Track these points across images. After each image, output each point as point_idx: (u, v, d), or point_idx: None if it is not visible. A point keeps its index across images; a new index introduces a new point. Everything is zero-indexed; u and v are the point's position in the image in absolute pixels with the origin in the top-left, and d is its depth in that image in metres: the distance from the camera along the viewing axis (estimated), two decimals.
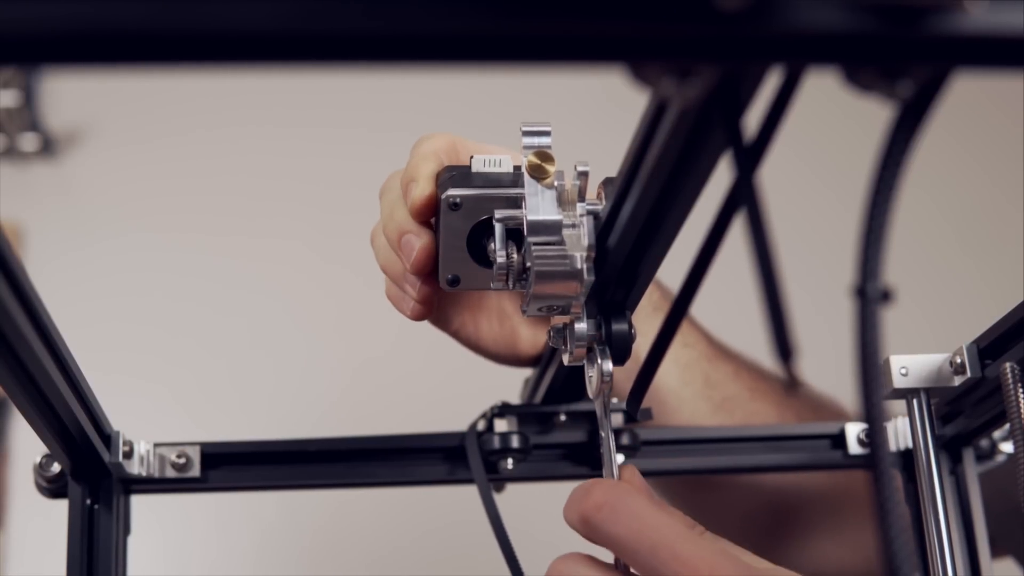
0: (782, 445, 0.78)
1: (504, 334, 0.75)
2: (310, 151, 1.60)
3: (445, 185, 0.64)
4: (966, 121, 1.62)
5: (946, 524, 0.69)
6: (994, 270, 1.59)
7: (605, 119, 1.23)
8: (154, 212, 1.56)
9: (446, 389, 1.32)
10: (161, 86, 1.55)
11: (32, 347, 0.52)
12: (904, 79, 0.38)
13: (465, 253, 0.65)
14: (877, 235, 0.41)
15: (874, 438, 0.43)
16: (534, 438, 0.75)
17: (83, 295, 1.50)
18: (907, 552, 0.41)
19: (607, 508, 0.54)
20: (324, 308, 1.54)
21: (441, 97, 1.56)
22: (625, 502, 0.55)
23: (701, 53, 0.36)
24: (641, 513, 0.54)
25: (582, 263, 0.58)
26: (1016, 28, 0.36)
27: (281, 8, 0.34)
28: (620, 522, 0.54)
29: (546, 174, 0.61)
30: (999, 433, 0.75)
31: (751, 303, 0.49)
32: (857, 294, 0.42)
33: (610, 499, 0.55)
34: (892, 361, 0.68)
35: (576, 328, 0.61)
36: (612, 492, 0.55)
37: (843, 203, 1.50)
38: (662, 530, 0.54)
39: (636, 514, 0.54)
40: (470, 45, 0.35)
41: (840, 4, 0.35)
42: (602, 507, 0.54)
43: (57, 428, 0.63)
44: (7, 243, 0.47)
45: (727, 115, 0.43)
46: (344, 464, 0.75)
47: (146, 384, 1.47)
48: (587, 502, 0.55)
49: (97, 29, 0.34)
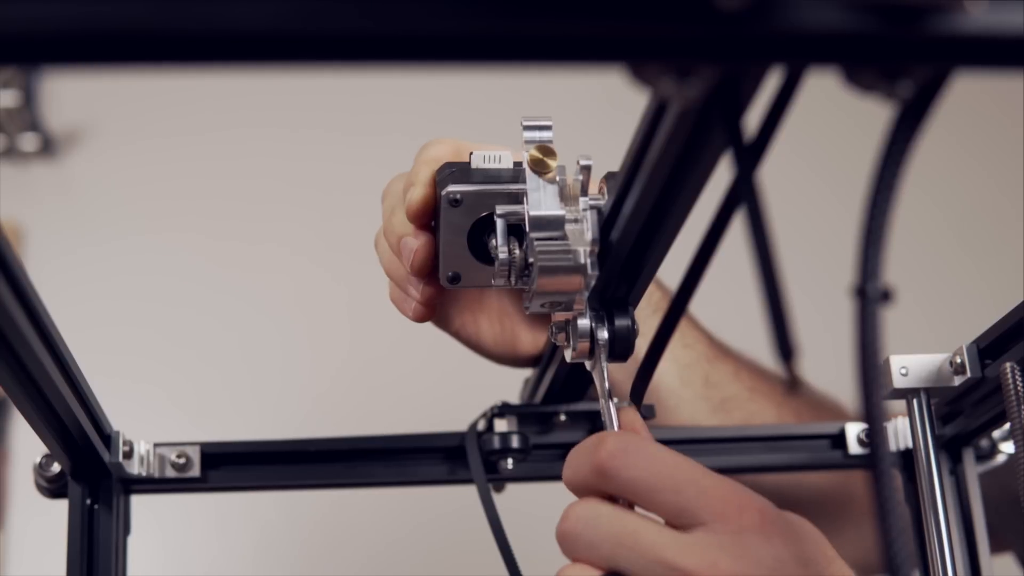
0: (782, 445, 0.78)
1: (504, 334, 0.75)
2: (311, 153, 1.60)
3: (445, 182, 0.64)
4: (966, 121, 1.62)
5: (946, 524, 0.69)
6: (994, 270, 1.59)
7: (605, 119, 1.23)
8: (154, 212, 1.56)
9: (446, 389, 1.33)
10: (161, 86, 1.55)
11: (32, 347, 0.52)
12: (904, 79, 0.38)
13: (466, 250, 0.65)
14: (877, 235, 0.41)
15: (874, 438, 0.43)
16: (534, 438, 0.75)
17: (83, 295, 1.50)
18: (907, 552, 0.41)
19: (622, 454, 0.54)
20: (325, 308, 1.54)
21: (441, 99, 1.56)
22: (639, 446, 0.55)
23: (701, 53, 0.36)
24: (658, 455, 0.54)
25: (586, 257, 0.58)
26: (1016, 28, 0.36)
27: (281, 8, 0.34)
28: (639, 465, 0.54)
29: (548, 168, 0.61)
30: (999, 433, 0.75)
31: (751, 303, 0.49)
32: (857, 294, 0.42)
33: (624, 445, 0.55)
34: (892, 361, 0.68)
35: (579, 324, 0.61)
36: (624, 439, 0.55)
37: (843, 203, 1.50)
38: (682, 467, 0.54)
39: (653, 456, 0.54)
40: (470, 45, 0.35)
41: (840, 4, 0.35)
42: (616, 454, 0.54)
43: (57, 428, 0.63)
44: (7, 243, 0.47)
45: (727, 115, 0.43)
46: (344, 464, 0.75)
47: (146, 384, 1.47)
48: (601, 451, 0.54)
49: (97, 29, 0.34)
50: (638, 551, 0.52)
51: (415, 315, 0.69)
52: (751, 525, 0.52)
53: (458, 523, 1.31)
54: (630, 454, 0.54)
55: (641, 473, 0.54)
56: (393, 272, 0.70)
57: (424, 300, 0.68)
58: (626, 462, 0.54)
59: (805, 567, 0.52)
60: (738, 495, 0.53)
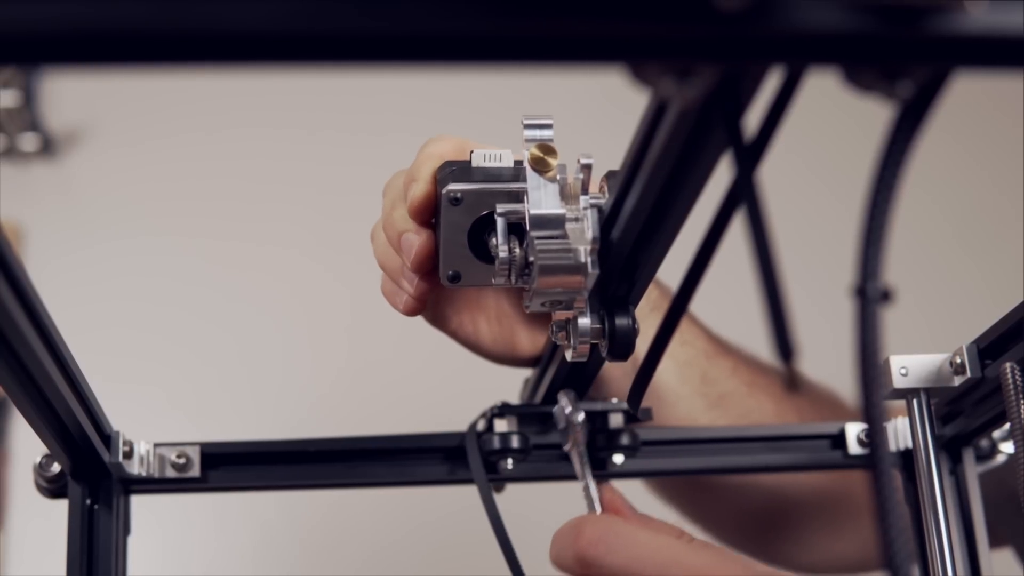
0: (782, 445, 0.78)
1: (503, 334, 0.75)
2: (311, 153, 1.60)
3: (445, 180, 0.64)
4: (966, 121, 1.62)
5: (946, 524, 0.69)
6: (994, 270, 1.59)
7: (605, 119, 1.23)
8: (154, 212, 1.56)
9: (446, 389, 1.32)
10: (161, 86, 1.55)
11: (32, 347, 0.52)
12: (904, 79, 0.38)
13: (466, 249, 0.65)
14: (877, 235, 0.41)
15: (874, 438, 0.43)
16: (534, 438, 0.75)
17: (83, 295, 1.50)
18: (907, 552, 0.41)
19: (602, 543, 0.54)
20: (325, 308, 1.54)
21: (442, 99, 1.56)
22: (618, 532, 0.55)
23: (701, 53, 0.36)
24: (637, 539, 0.54)
25: (586, 256, 0.58)
26: (1016, 28, 0.36)
27: (281, 8, 0.34)
28: (620, 552, 0.54)
29: (548, 167, 0.60)
30: (999, 433, 0.75)
31: (751, 302, 0.49)
32: (857, 294, 0.42)
33: (602, 532, 0.55)
34: (892, 361, 0.68)
35: (579, 323, 0.61)
36: (602, 525, 0.55)
37: (843, 203, 1.50)
38: (663, 550, 0.54)
39: (633, 541, 0.54)
40: (470, 45, 0.35)
41: (840, 4, 0.35)
42: (597, 543, 0.54)
43: (57, 428, 0.63)
44: (7, 243, 0.47)
45: (727, 115, 0.43)
46: (344, 464, 0.75)
47: (146, 384, 1.47)
48: (581, 541, 0.54)
49: (97, 29, 0.34)
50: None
51: (406, 308, 0.69)
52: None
53: (458, 523, 1.31)
54: (611, 541, 0.54)
55: (622, 560, 0.54)
56: (387, 264, 0.70)
57: (417, 295, 0.68)
58: (608, 549, 0.54)
59: None
60: (725, 566, 0.53)
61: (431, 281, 0.68)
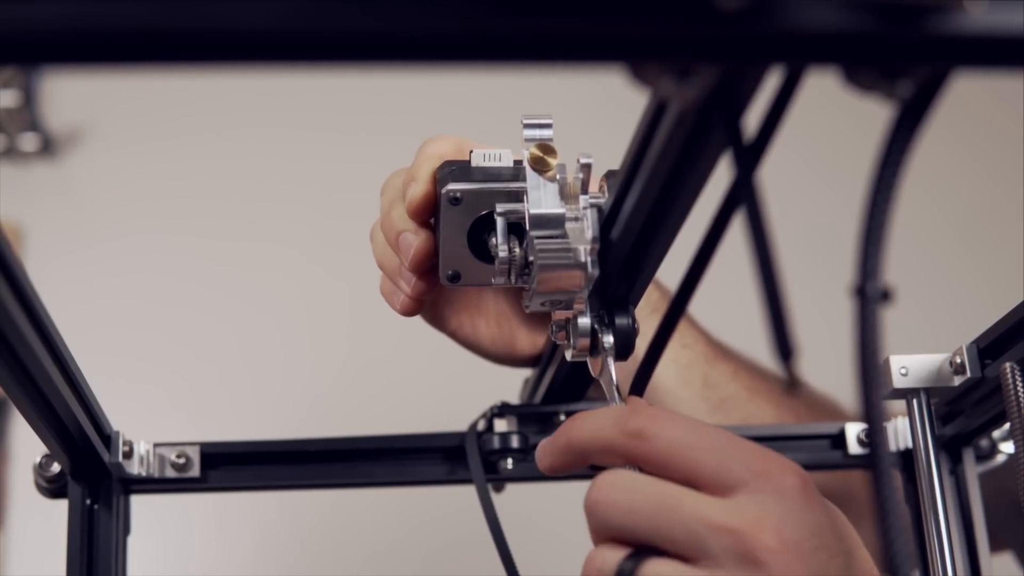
0: (782, 445, 0.78)
1: (502, 334, 0.75)
2: (311, 153, 1.60)
3: (445, 180, 0.64)
4: (966, 121, 1.62)
5: (946, 524, 0.69)
6: (994, 270, 1.59)
7: (605, 119, 1.23)
8: (154, 212, 1.56)
9: (446, 389, 1.33)
10: (161, 86, 1.55)
11: (32, 347, 0.52)
12: (904, 79, 0.38)
13: (466, 248, 0.65)
14: (877, 235, 0.41)
15: (874, 438, 0.43)
16: (534, 438, 0.75)
17: (83, 295, 1.50)
18: (907, 552, 0.41)
19: (660, 418, 0.52)
20: (325, 308, 1.54)
21: (442, 99, 1.56)
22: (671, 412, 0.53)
23: (701, 53, 0.36)
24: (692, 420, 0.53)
25: (586, 256, 0.58)
26: (1016, 28, 0.36)
27: (281, 8, 0.34)
28: (679, 426, 0.52)
29: (548, 167, 0.60)
30: (999, 433, 0.75)
31: (751, 303, 0.49)
32: (857, 294, 0.42)
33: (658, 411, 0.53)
34: (892, 361, 0.68)
35: (579, 323, 0.61)
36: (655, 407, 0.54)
37: (843, 203, 1.50)
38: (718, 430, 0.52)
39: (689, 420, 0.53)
40: (470, 45, 0.35)
41: (840, 4, 0.35)
42: (656, 417, 0.52)
43: (57, 428, 0.63)
44: (7, 243, 0.47)
45: (727, 115, 0.43)
46: (344, 464, 0.75)
47: (146, 384, 1.47)
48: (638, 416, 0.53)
49: (97, 29, 0.34)
50: (680, 514, 0.50)
51: (403, 309, 0.69)
52: (793, 487, 0.51)
53: (458, 523, 1.31)
54: (667, 418, 0.53)
55: (681, 434, 0.52)
56: (386, 264, 0.70)
57: (415, 295, 0.68)
58: (666, 424, 0.52)
59: (840, 540, 0.51)
60: (778, 456, 0.52)
61: (429, 281, 0.68)
